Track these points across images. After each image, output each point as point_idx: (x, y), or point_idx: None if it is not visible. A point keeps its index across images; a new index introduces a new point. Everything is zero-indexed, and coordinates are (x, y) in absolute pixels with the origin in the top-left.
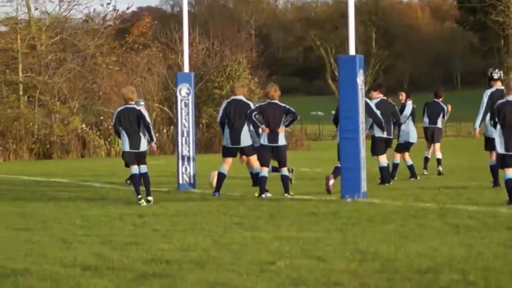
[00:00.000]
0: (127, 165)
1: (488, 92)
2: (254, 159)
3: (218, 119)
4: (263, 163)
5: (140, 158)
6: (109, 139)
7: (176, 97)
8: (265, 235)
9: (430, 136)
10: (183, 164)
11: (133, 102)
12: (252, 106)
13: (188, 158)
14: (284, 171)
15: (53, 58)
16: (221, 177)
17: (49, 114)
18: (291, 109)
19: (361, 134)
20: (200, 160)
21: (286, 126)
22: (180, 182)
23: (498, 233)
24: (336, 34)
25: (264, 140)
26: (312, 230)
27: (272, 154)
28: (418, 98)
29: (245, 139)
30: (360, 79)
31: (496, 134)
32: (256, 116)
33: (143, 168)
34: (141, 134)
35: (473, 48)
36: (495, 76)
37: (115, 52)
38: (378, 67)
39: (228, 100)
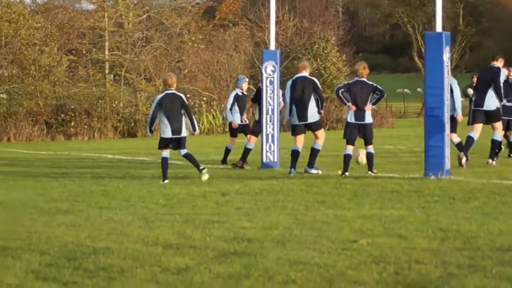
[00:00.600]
0: (160, 147)
1: None
2: (321, 134)
3: (288, 99)
4: (349, 141)
5: (181, 143)
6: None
7: (262, 74)
8: (347, 213)
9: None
10: (267, 142)
11: (173, 88)
12: (317, 82)
13: (273, 136)
14: (370, 148)
15: (140, 36)
16: (295, 154)
17: (135, 93)
18: (379, 86)
19: (446, 112)
20: (284, 138)
21: (373, 104)
22: (264, 160)
23: None
24: (423, 11)
25: (350, 118)
26: (395, 208)
27: (359, 132)
28: None
29: (312, 115)
30: (446, 56)
31: None
32: (343, 93)
33: (183, 151)
34: (183, 119)
35: None
36: None
37: (202, 30)
38: (465, 44)
39: (293, 78)
